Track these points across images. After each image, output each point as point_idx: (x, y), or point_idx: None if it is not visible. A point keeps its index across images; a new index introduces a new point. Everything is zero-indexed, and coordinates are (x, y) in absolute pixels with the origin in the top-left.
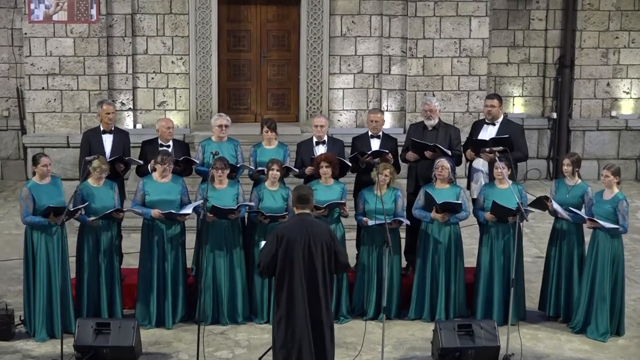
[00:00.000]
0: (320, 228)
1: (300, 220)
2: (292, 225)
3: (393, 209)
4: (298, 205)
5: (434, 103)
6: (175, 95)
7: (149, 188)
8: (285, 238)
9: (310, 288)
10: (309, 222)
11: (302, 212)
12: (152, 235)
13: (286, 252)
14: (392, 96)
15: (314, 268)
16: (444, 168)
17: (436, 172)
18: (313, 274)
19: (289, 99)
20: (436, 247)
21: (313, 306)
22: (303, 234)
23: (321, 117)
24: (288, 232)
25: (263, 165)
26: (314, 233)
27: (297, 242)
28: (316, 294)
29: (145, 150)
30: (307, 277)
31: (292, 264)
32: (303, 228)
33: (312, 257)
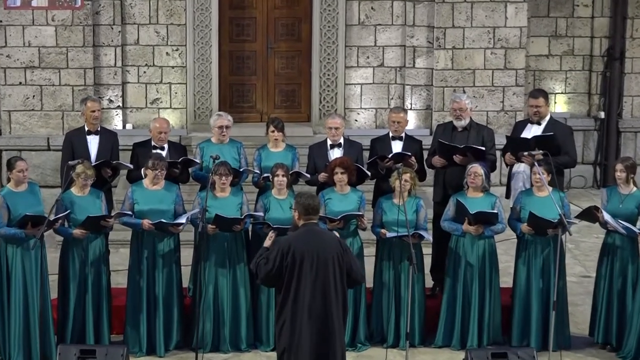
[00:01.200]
0: (330, 239)
1: (308, 232)
2: (299, 237)
3: (414, 220)
4: (305, 217)
5: (465, 101)
6: (170, 92)
7: (139, 196)
8: (291, 252)
9: (321, 312)
10: (317, 233)
11: (308, 222)
12: (141, 249)
13: (293, 269)
14: (416, 93)
15: (325, 287)
16: (477, 175)
17: (468, 179)
18: (324, 294)
19: (300, 96)
20: (468, 264)
21: (324, 333)
22: (312, 247)
23: (336, 116)
24: (295, 245)
25: (268, 171)
26: (323, 245)
27: (306, 257)
28: (328, 319)
29: (137, 153)
30: (317, 299)
31: (299, 283)
32: (311, 240)
33: (323, 274)
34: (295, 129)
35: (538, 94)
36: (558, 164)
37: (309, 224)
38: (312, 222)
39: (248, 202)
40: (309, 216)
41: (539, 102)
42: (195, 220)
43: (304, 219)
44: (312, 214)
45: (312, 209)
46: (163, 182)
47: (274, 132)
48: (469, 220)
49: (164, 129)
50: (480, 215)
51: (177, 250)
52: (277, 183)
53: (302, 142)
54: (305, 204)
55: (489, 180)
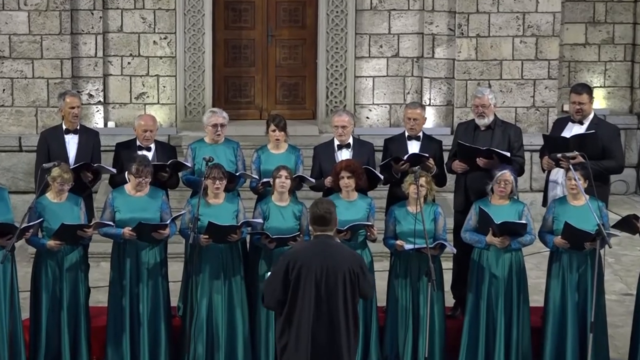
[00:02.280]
0: (344, 254)
1: (319, 244)
2: (307, 248)
3: (432, 230)
4: (315, 227)
5: (487, 96)
6: (157, 85)
7: (120, 203)
8: (298, 265)
9: (328, 333)
10: (329, 246)
11: (321, 234)
12: (123, 262)
13: (297, 283)
14: (436, 86)
15: (333, 307)
16: (507, 183)
17: (496, 187)
18: (332, 315)
19: (304, 90)
20: (493, 279)
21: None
22: (320, 261)
23: (344, 113)
24: (302, 257)
25: (268, 175)
26: (334, 260)
27: (312, 270)
28: (335, 343)
29: (121, 155)
30: (322, 319)
31: (303, 300)
32: (321, 253)
33: (331, 292)
34: (298, 127)
35: (581, 89)
36: (601, 168)
37: (321, 236)
38: (325, 235)
39: (245, 210)
40: (321, 227)
41: (583, 99)
42: (186, 230)
43: (316, 230)
44: (323, 225)
45: (320, 218)
46: (148, 187)
47: (275, 131)
48: (493, 231)
49: (151, 128)
50: (506, 226)
51: (164, 263)
52: (279, 185)
53: (307, 142)
54: (316, 214)
55: (516, 186)
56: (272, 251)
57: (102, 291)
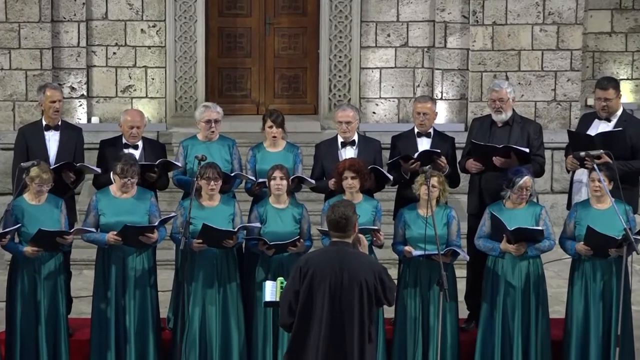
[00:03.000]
0: (362, 263)
1: (334, 251)
2: (322, 255)
3: (445, 235)
4: (332, 233)
5: (505, 89)
6: (145, 77)
7: (105, 206)
8: (311, 272)
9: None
10: (345, 254)
11: (339, 241)
12: (108, 270)
13: (308, 292)
14: (448, 79)
15: (346, 320)
16: (528, 190)
17: (517, 194)
18: (344, 328)
19: (305, 82)
20: (509, 290)
21: None
22: (335, 270)
23: (349, 108)
24: (315, 264)
25: (265, 175)
26: (350, 269)
27: (326, 279)
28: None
29: (105, 153)
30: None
31: (313, 310)
32: (336, 261)
33: (344, 303)
34: (298, 123)
35: (607, 83)
36: (629, 169)
37: (338, 243)
38: (341, 242)
39: (242, 213)
40: (337, 233)
41: (609, 94)
42: (177, 235)
43: (333, 236)
44: (339, 231)
45: (336, 225)
46: (135, 188)
47: (272, 127)
48: (507, 237)
49: (138, 124)
50: (521, 232)
51: (153, 271)
52: (274, 188)
53: (308, 139)
54: (330, 218)
55: (535, 188)
56: (270, 257)
57: (85, 301)
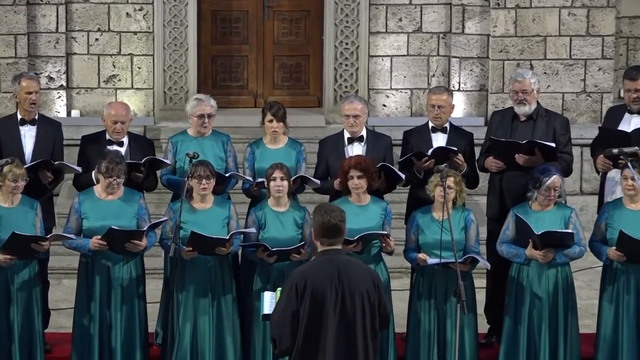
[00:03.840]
0: (360, 271)
1: (329, 262)
2: (317, 268)
3: (462, 241)
4: (324, 240)
5: (529, 79)
6: (131, 66)
7: (88, 209)
8: (310, 290)
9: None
10: (341, 263)
11: (330, 249)
12: (91, 280)
13: (312, 312)
14: (466, 68)
15: (352, 335)
16: (556, 190)
17: (544, 195)
18: (351, 344)
19: (307, 72)
20: (535, 301)
21: None
22: (335, 283)
23: (356, 100)
24: (312, 280)
25: (264, 174)
26: (350, 280)
27: (328, 295)
28: None
29: (87, 150)
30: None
31: (320, 330)
32: (334, 273)
33: (350, 318)
34: (300, 117)
35: (637, 73)
36: None
37: (330, 251)
38: (335, 249)
39: (238, 217)
40: (331, 239)
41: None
42: (166, 241)
43: (324, 243)
44: (334, 237)
45: (331, 228)
46: (122, 189)
47: (272, 121)
48: (534, 242)
49: (123, 118)
50: (550, 237)
51: (141, 280)
52: (274, 189)
53: (311, 135)
54: (322, 222)
55: (563, 188)
56: (270, 266)
57: (65, 314)
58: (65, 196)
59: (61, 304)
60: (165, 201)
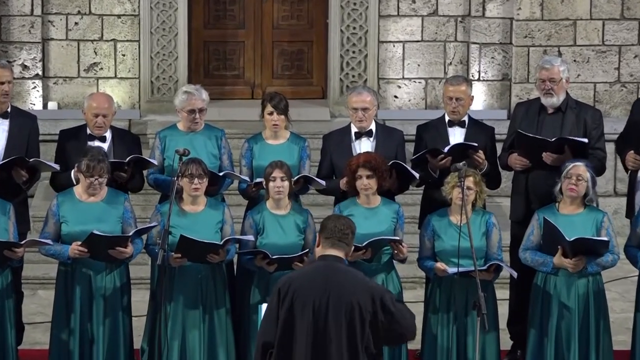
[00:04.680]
0: (354, 283)
1: (322, 267)
2: (306, 273)
3: (483, 247)
4: (327, 240)
5: (558, 67)
6: (114, 53)
7: (68, 212)
8: (290, 295)
9: None
10: (334, 271)
11: (330, 254)
12: (71, 289)
13: (287, 317)
14: (487, 55)
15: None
16: (580, 179)
17: (565, 184)
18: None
19: (310, 60)
20: (563, 314)
21: None
22: (318, 289)
23: (365, 91)
24: (296, 284)
25: (263, 172)
26: (338, 289)
27: (308, 303)
28: None
29: (66, 146)
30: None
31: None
32: (321, 279)
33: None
34: (303, 110)
35: None
36: None
37: (329, 257)
38: (334, 256)
39: (233, 220)
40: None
41: None
42: (153, 247)
43: (325, 246)
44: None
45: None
46: (105, 189)
47: (272, 114)
48: (564, 249)
49: (105, 111)
50: (581, 243)
51: (126, 291)
52: (273, 191)
53: (315, 129)
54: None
55: (595, 189)
56: (269, 275)
57: (41, 329)
58: (41, 198)
59: (37, 318)
60: (153, 203)
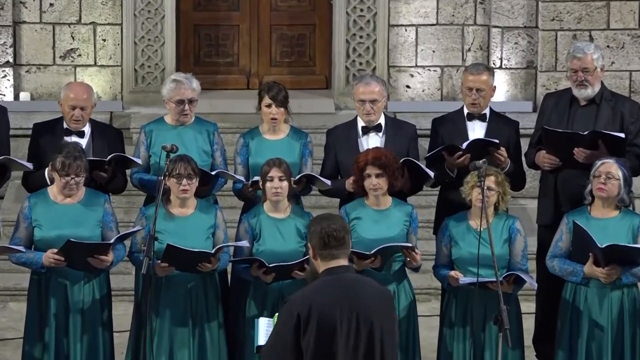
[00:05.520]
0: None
1: (337, 283)
2: (323, 292)
3: (506, 255)
4: (325, 254)
5: (591, 55)
6: (94, 38)
7: (41, 215)
8: (315, 320)
9: None
10: (352, 285)
11: (336, 266)
12: (45, 301)
13: (319, 348)
14: (511, 40)
15: None
16: (610, 177)
17: (595, 183)
18: None
19: (313, 45)
20: (595, 330)
21: None
22: (346, 310)
23: (373, 81)
24: (318, 307)
25: (260, 171)
26: (364, 306)
27: (339, 327)
28: None
29: (39, 142)
30: None
31: None
32: (344, 298)
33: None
34: (305, 101)
35: None
36: None
37: (336, 269)
38: (341, 266)
39: (227, 225)
40: (334, 251)
41: None
42: (137, 254)
43: (326, 259)
44: (336, 248)
45: (335, 239)
46: (83, 190)
47: (271, 106)
48: (596, 257)
49: (84, 103)
50: (615, 251)
51: (106, 304)
52: (271, 192)
53: (318, 123)
54: (323, 229)
55: (631, 190)
56: (267, 286)
57: (12, 345)
58: (12, 199)
59: (7, 333)
60: (137, 205)
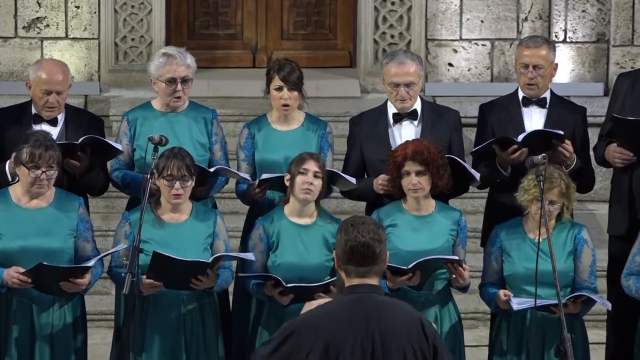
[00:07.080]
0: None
1: (355, 305)
2: (337, 315)
3: (570, 271)
4: (350, 269)
5: None
6: (65, 5)
7: (2, 221)
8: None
9: None
10: (375, 308)
11: (362, 284)
12: (5, 327)
13: None
14: (577, 8)
15: None
16: None
17: None
18: None
19: (334, 14)
20: None
21: None
22: (361, 338)
23: (408, 59)
24: (327, 335)
25: (270, 169)
26: (386, 333)
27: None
28: None
29: (3, 132)
30: None
31: None
32: (361, 323)
33: None
34: (323, 82)
35: None
36: None
37: (361, 288)
38: (368, 285)
39: (228, 233)
40: (360, 268)
41: None
42: (119, 270)
43: (351, 275)
44: (364, 264)
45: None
46: (53, 191)
47: (282, 89)
48: None
49: (59, 86)
50: None
51: (80, 330)
52: (302, 188)
53: (339, 110)
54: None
55: None
56: (283, 309)
57: None
58: None
59: None
60: (117, 210)
